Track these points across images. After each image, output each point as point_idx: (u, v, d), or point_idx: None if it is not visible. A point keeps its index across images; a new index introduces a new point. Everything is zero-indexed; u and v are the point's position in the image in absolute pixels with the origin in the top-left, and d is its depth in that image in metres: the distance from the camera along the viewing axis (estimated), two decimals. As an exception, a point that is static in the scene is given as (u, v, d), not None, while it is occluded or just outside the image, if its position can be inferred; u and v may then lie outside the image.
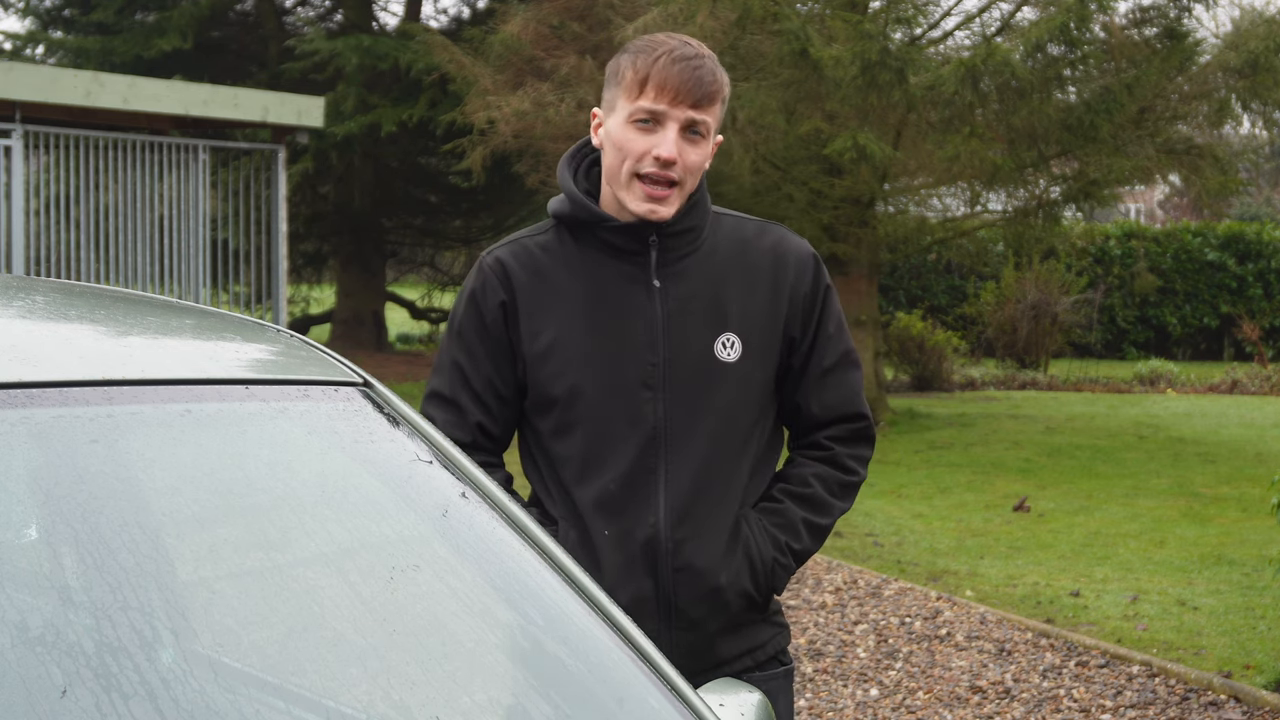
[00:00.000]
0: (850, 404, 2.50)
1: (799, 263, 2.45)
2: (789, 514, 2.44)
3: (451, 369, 2.43)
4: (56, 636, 1.45)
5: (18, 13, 21.41)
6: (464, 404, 2.42)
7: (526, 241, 2.45)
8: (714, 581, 2.37)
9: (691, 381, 2.37)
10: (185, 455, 1.72)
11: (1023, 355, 18.64)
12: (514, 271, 2.40)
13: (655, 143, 2.33)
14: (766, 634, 2.48)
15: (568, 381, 2.36)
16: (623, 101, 2.37)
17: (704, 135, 2.37)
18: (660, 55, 2.34)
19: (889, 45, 11.57)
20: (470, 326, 2.42)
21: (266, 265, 14.77)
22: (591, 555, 2.36)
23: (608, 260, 2.40)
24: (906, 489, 9.76)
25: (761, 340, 2.41)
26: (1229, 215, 21.86)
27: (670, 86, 2.32)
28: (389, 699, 1.62)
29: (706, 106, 2.35)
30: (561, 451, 2.39)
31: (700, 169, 2.38)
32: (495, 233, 23.47)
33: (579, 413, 2.36)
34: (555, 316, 2.38)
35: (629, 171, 2.36)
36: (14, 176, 12.28)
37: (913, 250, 15.89)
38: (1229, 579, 7.14)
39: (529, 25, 13.89)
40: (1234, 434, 12.70)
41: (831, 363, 2.47)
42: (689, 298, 2.39)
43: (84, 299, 2.11)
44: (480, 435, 2.42)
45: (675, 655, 2.38)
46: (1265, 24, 12.16)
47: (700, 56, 2.36)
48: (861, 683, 5.59)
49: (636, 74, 2.35)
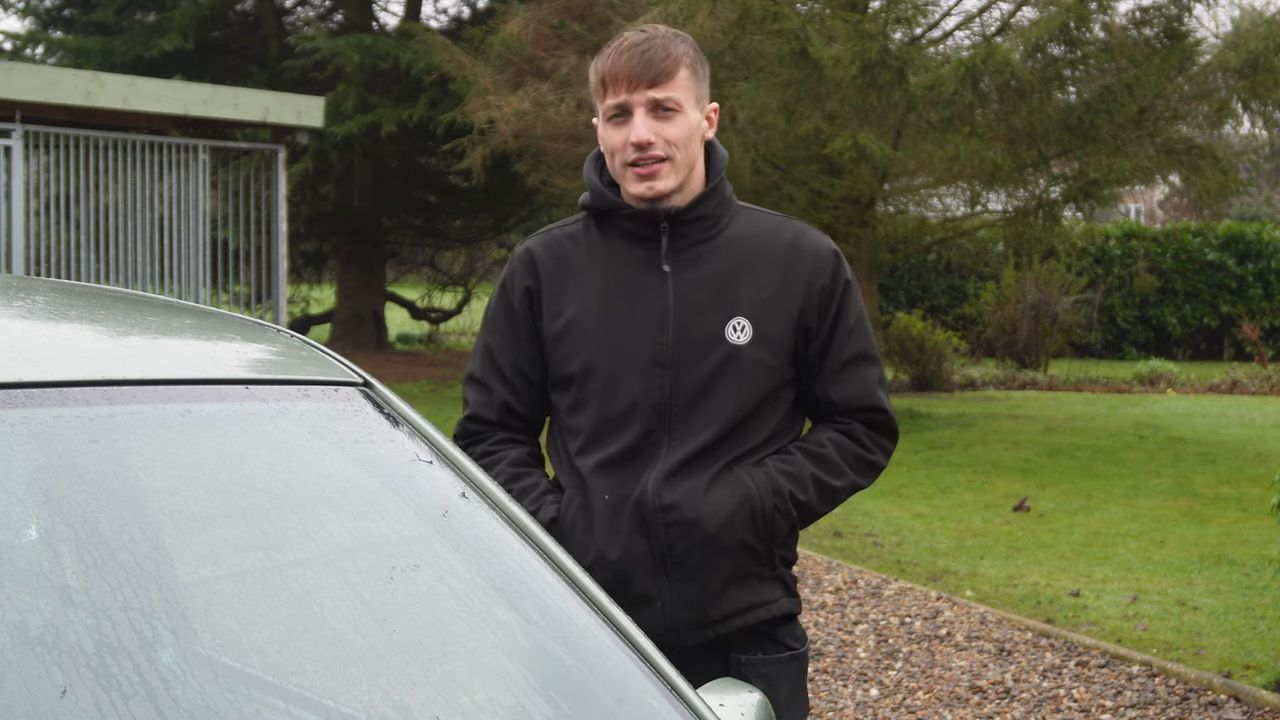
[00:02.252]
0: (869, 397, 2.56)
1: (818, 257, 2.52)
2: (798, 464, 2.49)
3: (483, 353, 2.58)
4: (56, 636, 1.45)
5: (18, 13, 21.41)
6: (491, 385, 2.55)
7: (557, 232, 2.58)
8: (706, 530, 2.42)
9: (699, 361, 2.44)
10: (185, 455, 1.72)
11: (1023, 355, 18.63)
12: (541, 260, 2.54)
13: (627, 134, 2.45)
14: (773, 592, 2.50)
15: (582, 359, 2.47)
16: (598, 104, 2.51)
17: (677, 109, 2.46)
18: (610, 52, 2.48)
19: (889, 45, 11.58)
20: (500, 313, 2.56)
21: (266, 265, 14.77)
22: (589, 518, 2.45)
23: (626, 246, 2.50)
24: (906, 489, 9.76)
25: (774, 327, 2.47)
26: (1229, 215, 21.83)
27: (623, 76, 2.44)
28: (389, 699, 1.62)
29: (665, 82, 2.44)
30: (573, 424, 2.50)
31: (685, 141, 2.46)
32: (495, 232, 23.47)
33: (591, 388, 2.47)
34: (574, 298, 2.49)
35: (620, 164, 2.47)
36: (14, 176, 12.28)
37: (913, 250, 15.91)
38: (1229, 579, 7.14)
39: (529, 25, 13.88)
40: (1234, 434, 12.70)
41: (850, 356, 2.53)
42: (700, 281, 2.47)
43: (84, 299, 2.11)
44: (506, 414, 2.55)
45: (678, 610, 2.43)
46: (1265, 24, 12.16)
47: (650, 39, 2.47)
48: (861, 683, 5.59)
49: (598, 75, 2.49)
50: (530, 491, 2.50)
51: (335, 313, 21.60)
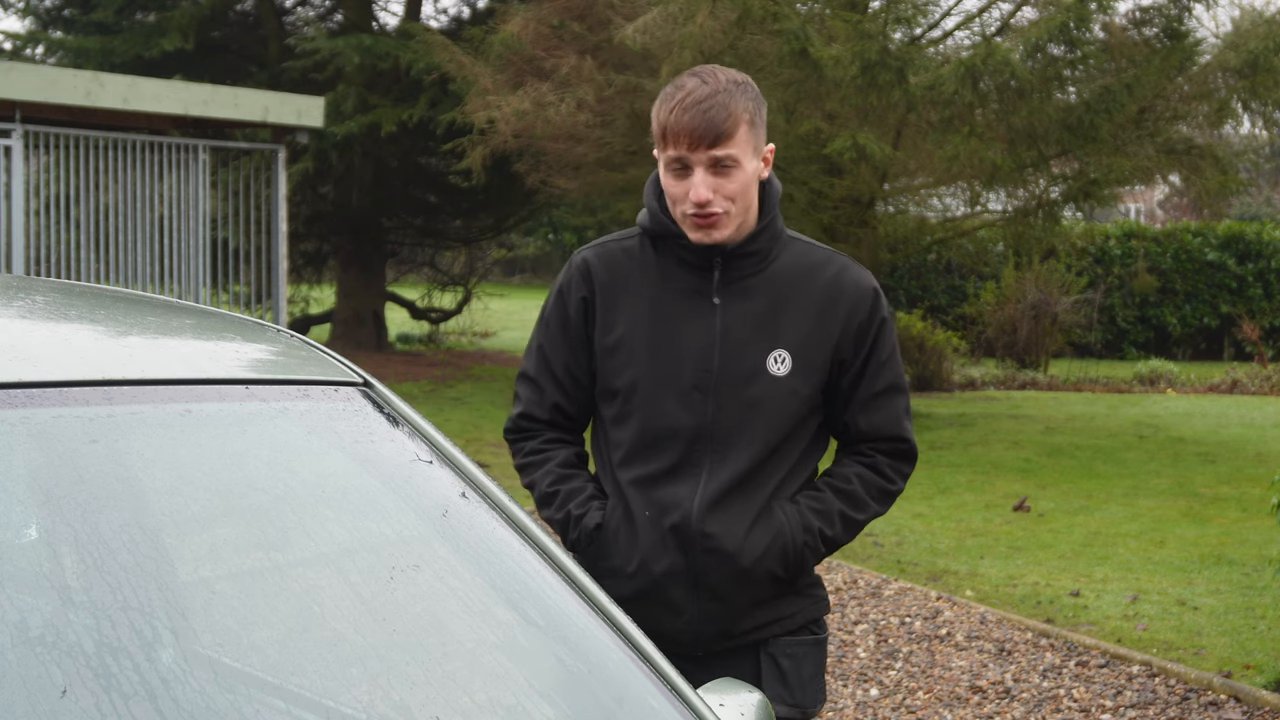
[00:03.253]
0: (894, 427, 2.69)
1: (857, 293, 2.64)
2: (828, 502, 2.63)
3: (537, 353, 2.70)
4: (56, 636, 1.45)
5: (18, 13, 21.39)
6: (544, 385, 2.68)
7: (613, 245, 2.69)
8: (741, 563, 2.57)
9: (740, 389, 2.57)
10: (185, 455, 1.71)
11: (1023, 355, 18.63)
12: (597, 271, 2.64)
13: (687, 188, 2.53)
14: (795, 605, 2.66)
15: (629, 376, 2.60)
16: (658, 150, 2.59)
17: (735, 164, 2.52)
18: (674, 105, 2.53)
19: (889, 45, 11.57)
20: (556, 317, 2.68)
21: (266, 265, 14.77)
22: (632, 529, 2.58)
23: (679, 272, 2.62)
24: (906, 489, 9.75)
25: (811, 359, 2.61)
26: (1229, 215, 21.81)
27: (685, 135, 2.50)
28: (389, 699, 1.62)
29: (725, 142, 2.50)
30: (616, 437, 2.63)
31: (743, 192, 2.55)
32: (495, 232, 23.45)
33: (635, 405, 2.60)
34: (626, 315, 2.62)
35: (680, 213, 2.57)
36: (14, 176, 12.27)
37: (913, 250, 15.89)
38: (1229, 579, 7.14)
39: (529, 25, 13.87)
40: (1234, 434, 12.70)
41: (880, 388, 2.66)
42: (746, 314, 2.60)
43: (84, 299, 2.11)
44: (557, 414, 2.69)
45: (704, 625, 2.58)
46: (1265, 24, 12.15)
47: (714, 95, 2.51)
48: (861, 683, 5.59)
49: (659, 125, 2.56)
50: (577, 495, 2.62)
51: (335, 313, 21.58)
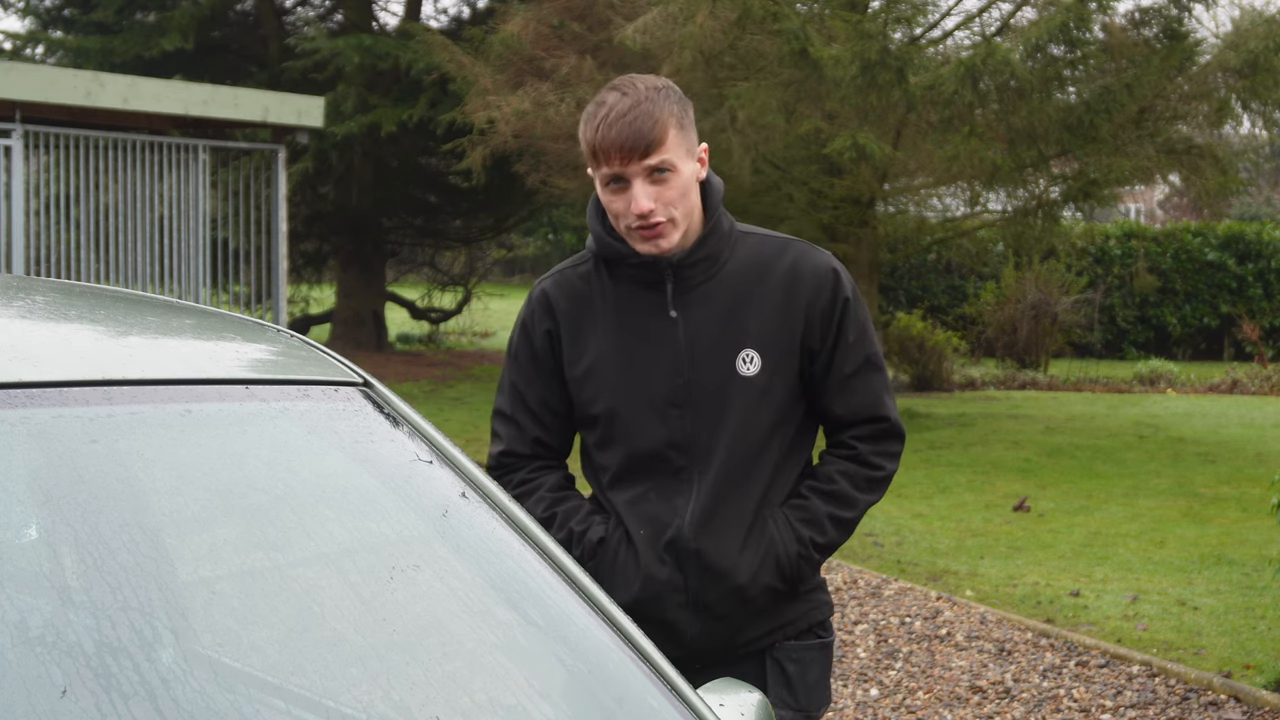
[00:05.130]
0: (873, 406, 2.64)
1: (816, 279, 2.58)
2: (814, 509, 2.60)
3: (510, 390, 2.68)
4: (56, 636, 1.45)
5: (18, 13, 21.40)
6: (522, 421, 2.66)
7: (569, 273, 2.65)
8: (737, 580, 2.55)
9: (715, 397, 2.54)
10: (185, 455, 1.71)
11: (1023, 355, 18.63)
12: (557, 301, 2.62)
13: (628, 201, 2.49)
14: (799, 610, 2.63)
15: (605, 403, 2.58)
16: (592, 170, 2.55)
17: (671, 169, 2.49)
18: (599, 122, 2.49)
19: (889, 45, 11.58)
20: (524, 352, 2.66)
21: (266, 265, 14.77)
22: (631, 545, 2.57)
23: (637, 291, 2.58)
24: (906, 489, 9.76)
25: (779, 353, 2.56)
26: (1229, 215, 21.81)
27: (615, 149, 2.46)
28: (389, 699, 1.62)
29: (657, 149, 2.47)
30: (602, 461, 2.63)
31: (683, 196, 2.50)
32: (495, 232, 23.46)
33: (616, 430, 2.58)
34: (592, 343, 2.59)
35: (625, 228, 2.53)
36: (14, 176, 12.27)
37: (913, 250, 15.90)
38: (1229, 579, 7.14)
39: (529, 25, 13.88)
40: (1234, 434, 12.69)
41: (852, 369, 2.61)
42: (707, 321, 2.55)
43: (84, 299, 2.11)
44: (539, 447, 2.67)
45: (705, 638, 2.57)
46: (1265, 24, 12.15)
47: (637, 105, 2.47)
48: (861, 683, 5.59)
49: (588, 146, 2.51)
50: (576, 513, 2.62)
51: (335, 313, 21.58)
